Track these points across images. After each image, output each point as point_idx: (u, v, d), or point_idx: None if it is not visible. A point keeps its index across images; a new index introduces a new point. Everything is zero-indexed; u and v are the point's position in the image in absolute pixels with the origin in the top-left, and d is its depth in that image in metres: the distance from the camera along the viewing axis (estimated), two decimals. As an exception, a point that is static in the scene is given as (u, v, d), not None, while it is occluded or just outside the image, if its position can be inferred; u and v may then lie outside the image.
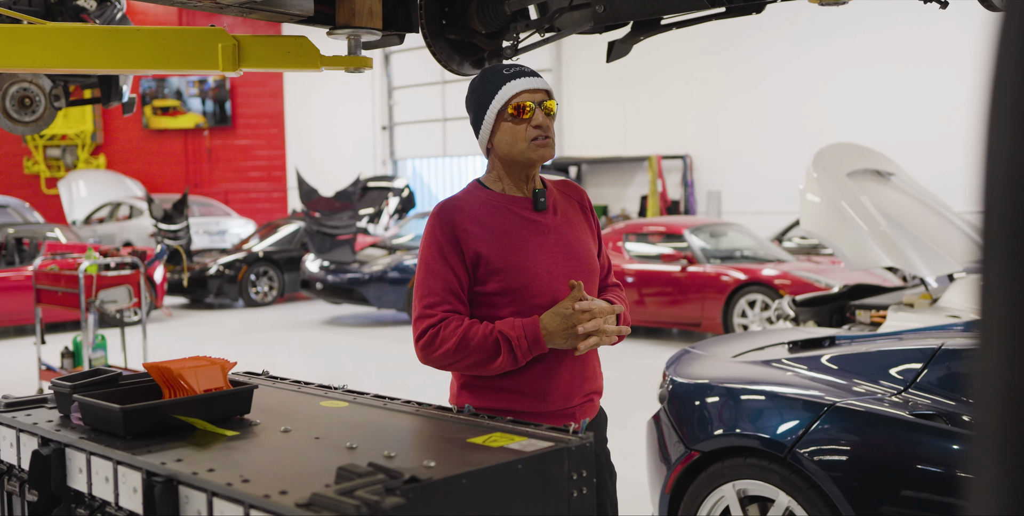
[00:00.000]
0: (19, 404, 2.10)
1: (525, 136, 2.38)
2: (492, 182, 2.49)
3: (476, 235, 2.37)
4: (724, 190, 15.62)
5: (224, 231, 18.10)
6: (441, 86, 19.96)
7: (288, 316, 13.51)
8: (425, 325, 2.32)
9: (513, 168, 2.45)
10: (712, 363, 4.18)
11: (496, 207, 2.43)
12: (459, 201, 2.44)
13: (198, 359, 2.02)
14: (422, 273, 2.40)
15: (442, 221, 2.39)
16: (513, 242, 2.40)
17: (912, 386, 3.46)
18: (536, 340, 2.29)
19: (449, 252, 2.36)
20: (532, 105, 2.38)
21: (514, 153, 2.40)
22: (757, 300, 9.67)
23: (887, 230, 6.00)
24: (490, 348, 2.28)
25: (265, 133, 22.82)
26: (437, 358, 2.32)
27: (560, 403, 2.41)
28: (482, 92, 2.43)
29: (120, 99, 5.71)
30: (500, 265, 2.37)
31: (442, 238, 2.37)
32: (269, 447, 1.75)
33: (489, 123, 2.41)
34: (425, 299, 2.36)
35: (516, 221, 2.43)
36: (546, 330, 2.29)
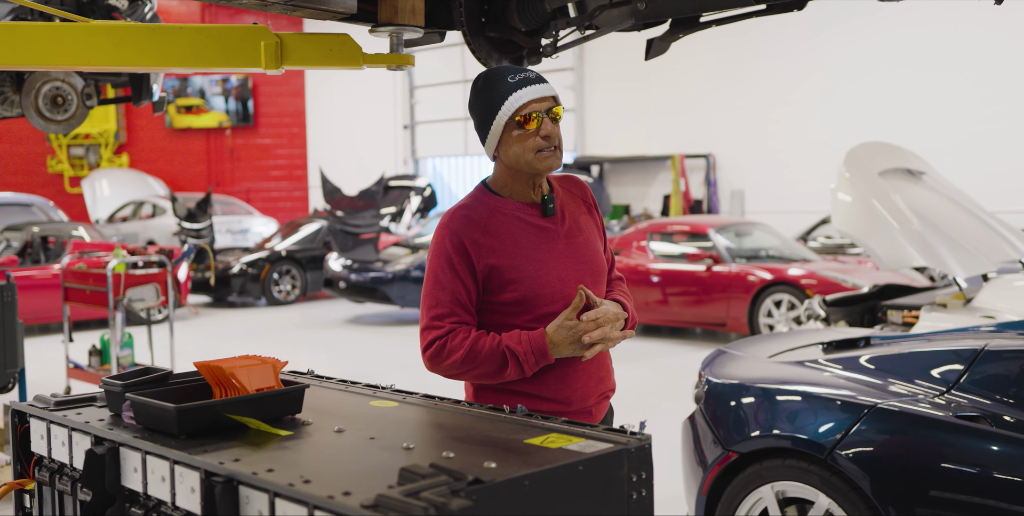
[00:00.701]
0: (69, 403, 2.09)
1: (533, 146, 2.34)
2: (499, 187, 2.46)
3: (487, 247, 2.35)
4: (747, 189, 15.55)
5: (246, 230, 18.16)
6: (463, 85, 19.95)
7: (311, 315, 13.53)
8: (432, 336, 2.32)
9: (520, 176, 2.42)
10: (749, 364, 4.14)
11: (505, 215, 2.41)
12: (468, 211, 2.40)
13: (248, 358, 2.01)
14: (430, 284, 2.38)
15: (451, 232, 2.36)
16: (524, 252, 2.38)
17: (955, 387, 3.42)
18: (543, 353, 2.30)
19: (459, 263, 2.34)
20: (539, 115, 2.34)
21: (521, 163, 2.37)
22: (783, 300, 9.61)
23: (920, 229, 5.94)
24: (498, 360, 2.29)
25: (287, 132, 22.89)
26: (444, 369, 2.33)
27: (578, 404, 2.43)
28: (488, 99, 2.37)
29: (151, 98, 5.72)
30: (513, 276, 2.36)
31: (451, 250, 2.35)
32: (325, 447, 1.74)
33: (496, 133, 2.37)
34: (433, 310, 2.35)
35: (526, 229, 2.41)
36: (552, 343, 2.30)
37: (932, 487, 3.17)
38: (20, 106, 5.46)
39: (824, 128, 14.94)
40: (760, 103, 15.69)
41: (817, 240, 12.93)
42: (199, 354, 9.95)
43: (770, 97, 15.60)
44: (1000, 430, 3.17)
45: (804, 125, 15.26)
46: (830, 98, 14.95)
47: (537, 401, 2.37)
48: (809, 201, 14.80)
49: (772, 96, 15.58)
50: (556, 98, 2.40)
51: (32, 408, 2.07)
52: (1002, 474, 3.09)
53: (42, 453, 2.04)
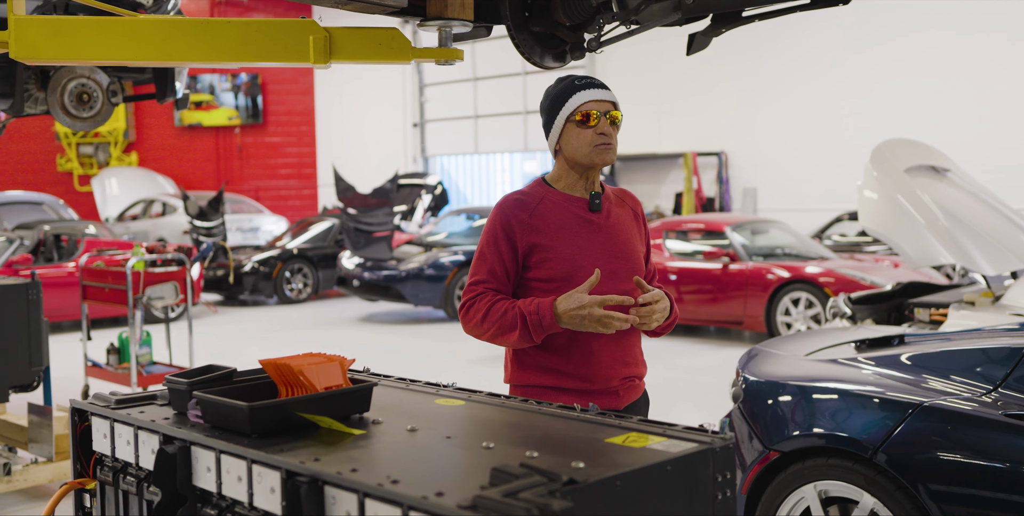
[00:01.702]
0: (129, 401, 2.06)
1: (590, 141, 2.61)
2: (555, 181, 2.72)
3: (532, 226, 2.60)
4: (760, 187, 15.51)
5: (257, 228, 18.14)
6: (473, 83, 19.93)
7: (323, 313, 13.51)
8: (466, 298, 2.61)
9: (576, 169, 2.67)
10: (788, 362, 4.11)
11: (555, 203, 2.65)
12: (522, 195, 2.68)
13: (313, 356, 1.98)
14: (475, 258, 2.66)
15: (502, 212, 2.63)
16: (565, 235, 2.61)
17: (1002, 385, 3.38)
18: (548, 319, 2.46)
19: (502, 240, 2.60)
20: (598, 114, 2.62)
21: (578, 156, 2.63)
22: (801, 298, 9.58)
23: (948, 226, 5.91)
24: (508, 322, 2.50)
25: (296, 130, 22.87)
26: (470, 328, 2.59)
27: (602, 383, 2.62)
28: (555, 98, 2.66)
29: (175, 95, 5.69)
30: (551, 254, 2.59)
31: (499, 228, 2.61)
32: (402, 447, 1.71)
33: (559, 127, 2.65)
34: (472, 278, 2.63)
35: (571, 218, 2.64)
36: (556, 313, 2.46)
37: (981, 487, 3.14)
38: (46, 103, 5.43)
39: (838, 126, 14.89)
40: (773, 101, 15.64)
41: (831, 238, 12.88)
42: (213, 352, 9.93)
43: (783, 95, 15.55)
44: (1050, 429, 3.13)
45: (817, 123, 15.21)
46: (844, 96, 14.90)
47: (562, 377, 2.59)
48: (822, 199, 14.75)
49: (785, 94, 15.53)
50: (616, 104, 2.69)
51: (93, 406, 2.04)
52: (1053, 473, 3.05)
53: (104, 452, 2.01)
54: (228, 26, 2.65)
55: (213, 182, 22.53)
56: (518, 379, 2.66)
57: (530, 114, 19.09)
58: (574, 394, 2.58)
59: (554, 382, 2.59)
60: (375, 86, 21.16)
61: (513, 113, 19.38)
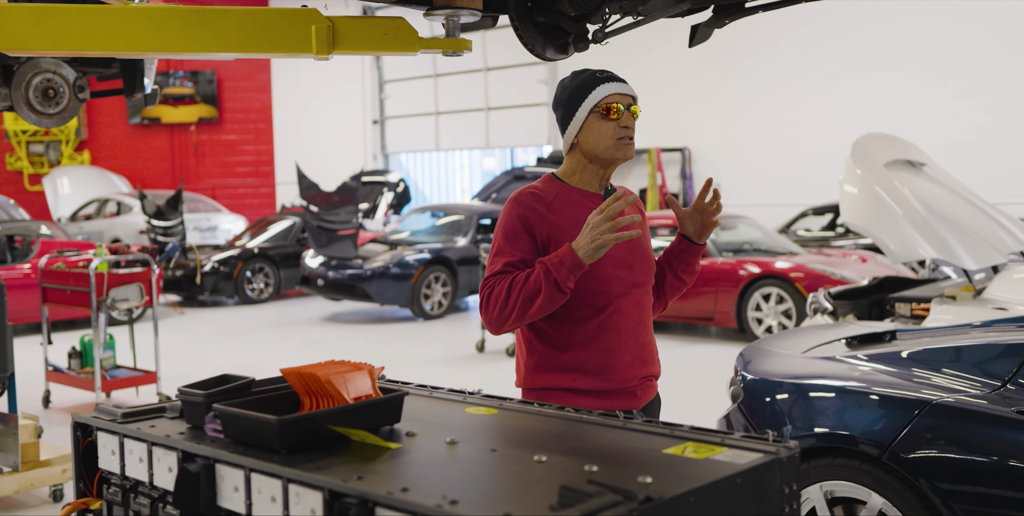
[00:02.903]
0: (138, 414, 1.93)
1: (613, 134, 2.54)
2: (568, 176, 2.64)
3: (551, 221, 2.51)
4: (724, 183, 15.52)
5: (215, 227, 17.84)
6: (433, 79, 19.76)
7: (286, 313, 13.30)
8: (484, 294, 2.47)
9: (594, 164, 2.60)
10: (788, 360, 4.04)
11: (570, 198, 2.58)
12: (536, 190, 2.58)
13: (338, 364, 1.86)
14: (491, 254, 2.54)
15: (519, 205, 2.52)
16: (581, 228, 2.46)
17: (1010, 382, 3.34)
18: (570, 256, 2.35)
19: (520, 233, 2.49)
20: (621, 107, 2.54)
21: (599, 149, 2.56)
22: (772, 293, 9.57)
23: (928, 221, 5.89)
24: (532, 284, 2.38)
25: (253, 128, 22.53)
26: (496, 316, 2.43)
27: (622, 382, 2.55)
28: (575, 91, 2.57)
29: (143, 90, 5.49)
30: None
31: (516, 221, 2.50)
32: (447, 462, 1.59)
33: (580, 119, 2.55)
34: (489, 273, 2.50)
35: (586, 212, 2.53)
36: (575, 246, 2.37)
37: (995, 485, 3.09)
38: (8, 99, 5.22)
39: (800, 122, 14.95)
40: (736, 97, 15.67)
41: (797, 233, 12.92)
42: (180, 355, 9.71)
43: (746, 91, 15.58)
44: (1064, 426, 3.09)
45: (780, 119, 15.26)
46: (806, 93, 14.96)
47: (581, 377, 2.51)
48: (785, 194, 14.81)
49: (748, 90, 15.56)
50: (636, 99, 2.60)
51: (99, 421, 1.90)
52: (1068, 471, 3.01)
53: (112, 469, 1.87)
54: (226, 15, 2.52)
55: (169, 181, 22.13)
56: (534, 382, 2.58)
57: (492, 111, 18.97)
58: (592, 395, 2.50)
59: (571, 383, 2.51)
60: (334, 83, 20.91)
61: (475, 110, 19.24)
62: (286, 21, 2.54)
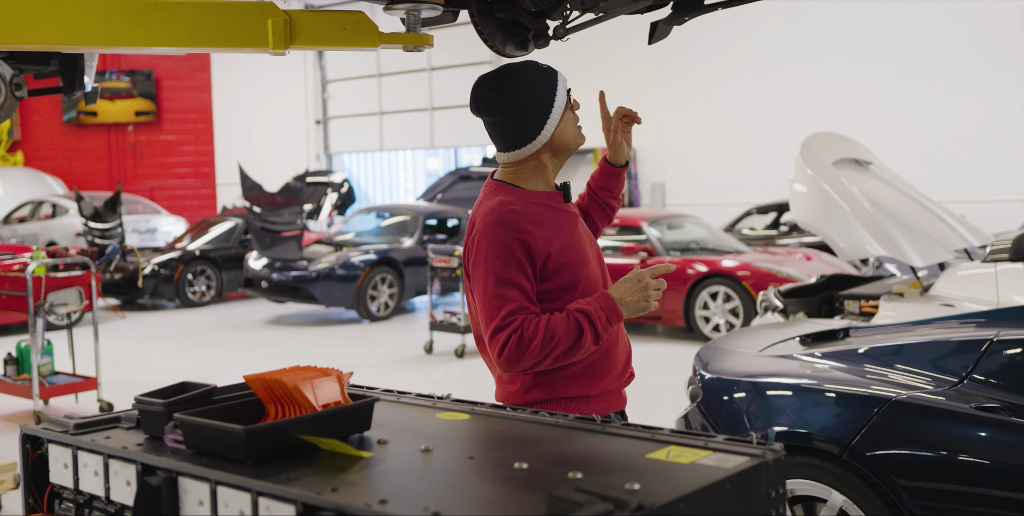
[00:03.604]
0: (91, 425, 1.83)
1: (575, 121, 2.54)
2: (523, 181, 2.47)
3: (541, 236, 2.35)
4: (668, 182, 15.62)
5: (154, 229, 17.52)
6: (377, 79, 19.60)
7: (229, 316, 13.08)
8: (507, 334, 2.24)
9: (559, 158, 2.52)
10: (746, 358, 4.03)
11: (540, 205, 2.43)
12: (512, 205, 2.37)
13: (304, 370, 1.78)
14: (492, 284, 2.29)
15: (506, 227, 2.31)
16: (567, 236, 2.42)
17: (967, 378, 3.36)
18: (613, 309, 2.29)
19: (522, 257, 2.31)
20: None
21: (570, 140, 2.50)
22: (719, 292, 9.61)
23: (877, 219, 5.95)
24: (573, 331, 2.25)
25: (192, 128, 22.16)
26: (526, 361, 2.25)
27: (617, 381, 2.47)
28: (546, 87, 2.46)
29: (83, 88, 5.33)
30: (565, 260, 2.38)
31: (513, 243, 2.30)
32: (424, 471, 1.53)
33: (558, 115, 2.46)
34: (503, 310, 2.26)
35: (559, 215, 2.45)
36: (618, 298, 2.31)
37: (956, 481, 3.10)
38: (-59, 97, 5.03)
39: (743, 122, 15.08)
40: (680, 98, 15.76)
41: (741, 232, 13.02)
42: (120, 360, 9.48)
43: (690, 92, 15.68)
44: (1021, 420, 3.11)
45: (724, 119, 15.38)
46: (749, 94, 15.09)
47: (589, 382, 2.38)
48: (729, 194, 14.93)
49: (693, 91, 15.66)
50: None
51: (49, 432, 1.80)
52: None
53: (64, 484, 1.78)
54: (178, 8, 2.42)
55: (106, 182, 21.68)
56: (537, 396, 2.36)
57: (437, 110, 18.87)
58: (593, 399, 2.40)
59: (580, 391, 2.37)
60: (276, 82, 20.65)
61: (419, 109, 19.13)
62: (241, 14, 2.45)
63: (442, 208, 13.52)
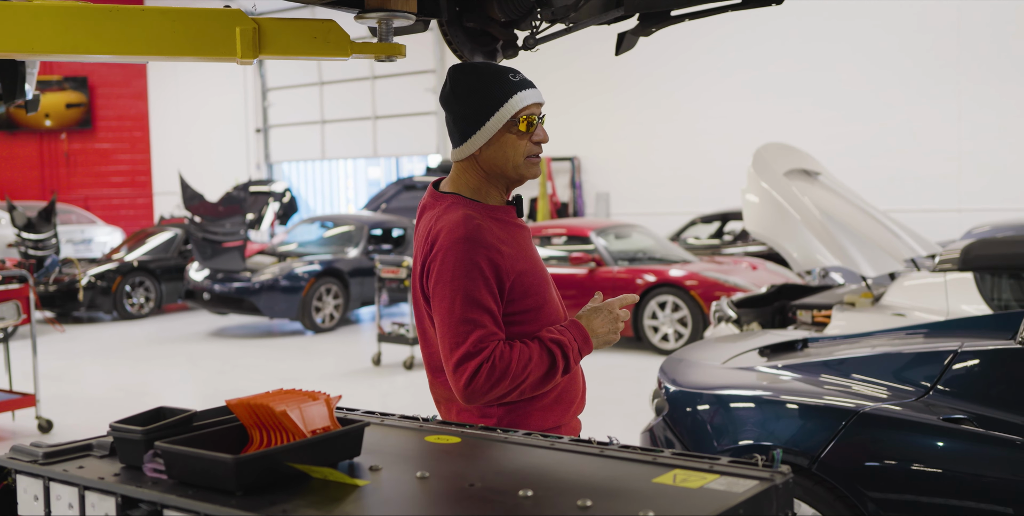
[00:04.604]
0: (61, 454, 1.74)
1: (524, 151, 2.24)
2: (474, 193, 2.28)
3: (509, 255, 2.19)
4: (612, 192, 15.68)
5: (89, 240, 17.11)
6: (319, 87, 19.41)
7: (169, 328, 12.80)
8: (477, 363, 2.05)
9: (497, 180, 2.28)
10: (711, 371, 4.02)
11: (499, 221, 2.25)
12: (476, 220, 2.18)
13: (289, 394, 1.71)
14: (459, 305, 2.09)
15: (476, 244, 2.13)
16: (530, 255, 2.28)
17: (933, 390, 3.38)
18: (586, 340, 2.21)
19: (491, 278, 2.13)
20: (536, 119, 2.25)
21: (507, 168, 2.24)
22: (668, 301, 9.64)
23: (829, 229, 6.00)
24: (547, 361, 2.13)
25: (128, 136, 21.72)
26: (495, 392, 2.07)
27: (580, 408, 2.36)
28: (485, 96, 2.21)
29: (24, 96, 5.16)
30: (532, 280, 2.24)
31: (483, 263, 2.12)
32: (426, 500, 1.47)
33: (490, 132, 2.21)
34: (472, 335, 2.07)
35: (517, 231, 2.29)
36: (591, 329, 2.22)
37: (926, 493, 3.11)
38: None
39: (686, 131, 15.21)
40: (624, 107, 15.84)
41: (686, 241, 13.10)
42: (56, 375, 9.22)
43: (633, 101, 15.77)
44: (988, 431, 3.13)
45: (667, 129, 15.49)
46: (692, 102, 15.22)
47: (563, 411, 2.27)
48: (674, 203, 15.04)
49: (635, 101, 15.75)
50: (542, 105, 2.32)
51: (16, 462, 1.70)
52: (995, 475, 3.04)
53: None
54: (141, 15, 2.33)
55: (38, 191, 21.14)
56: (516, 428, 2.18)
57: (379, 119, 18.74)
58: (566, 428, 2.29)
59: (555, 421, 2.24)
60: (215, 90, 20.35)
61: (362, 118, 18.98)
62: (208, 22, 2.36)
63: (387, 218, 13.41)
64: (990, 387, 3.32)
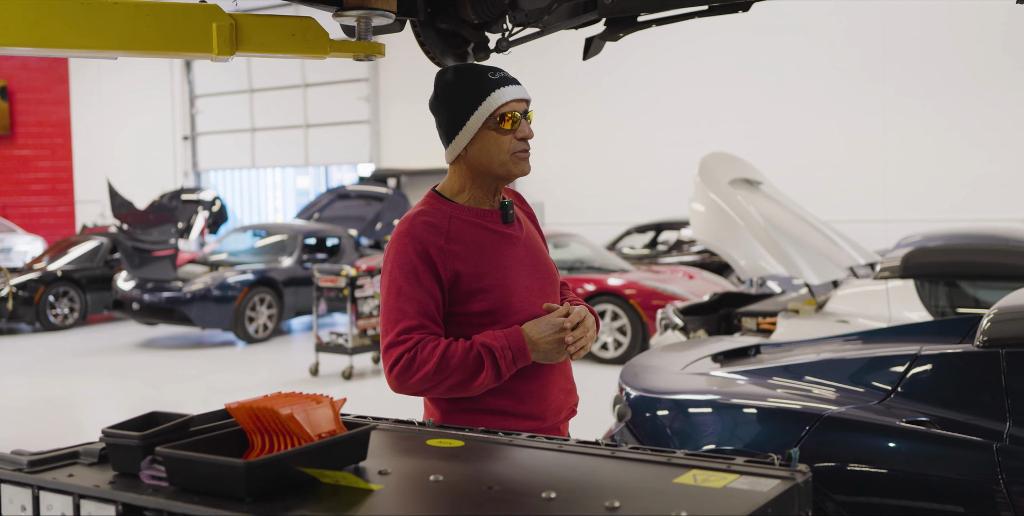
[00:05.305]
0: (47, 461, 1.65)
1: (509, 148, 2.25)
2: (455, 194, 2.31)
3: (452, 253, 2.21)
4: (547, 201, 15.72)
5: (8, 249, 16.59)
6: (249, 95, 19.13)
7: (96, 339, 12.46)
8: (400, 351, 2.13)
9: (485, 179, 2.29)
10: (673, 377, 4.03)
11: (467, 222, 2.27)
12: (427, 216, 2.23)
13: (291, 397, 1.65)
14: (392, 296, 2.18)
15: (413, 239, 2.19)
16: (489, 259, 2.25)
17: (894, 393, 3.42)
18: (521, 350, 2.16)
19: (423, 272, 2.17)
20: (519, 115, 2.25)
21: (493, 165, 2.25)
22: (607, 310, 9.68)
23: (774, 237, 6.08)
24: (472, 364, 2.13)
25: (49, 143, 21.14)
26: (414, 384, 2.13)
27: (551, 419, 2.31)
28: (465, 95, 2.23)
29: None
30: (482, 284, 2.22)
31: (415, 257, 2.18)
32: (447, 504, 1.43)
33: (471, 130, 2.24)
34: (399, 324, 2.15)
35: (489, 236, 2.28)
36: (531, 340, 2.17)
37: (891, 495, 3.14)
38: None
39: (620, 143, 15.33)
40: (559, 118, 15.92)
41: (622, 251, 13.19)
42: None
43: (568, 113, 15.86)
44: (949, 433, 3.18)
45: (602, 140, 15.61)
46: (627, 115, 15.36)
47: (512, 419, 2.23)
48: (608, 213, 15.14)
49: (570, 111, 15.84)
50: (530, 102, 2.32)
51: (2, 471, 1.62)
52: (957, 476, 3.09)
53: (20, 528, 1.59)
54: (114, 8, 2.25)
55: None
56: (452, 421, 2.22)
57: (311, 128, 18.53)
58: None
59: (501, 425, 2.20)
60: (141, 96, 19.92)
61: (293, 126, 18.75)
62: (184, 17, 2.30)
63: (321, 227, 13.26)
64: (950, 390, 3.37)
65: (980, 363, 3.31)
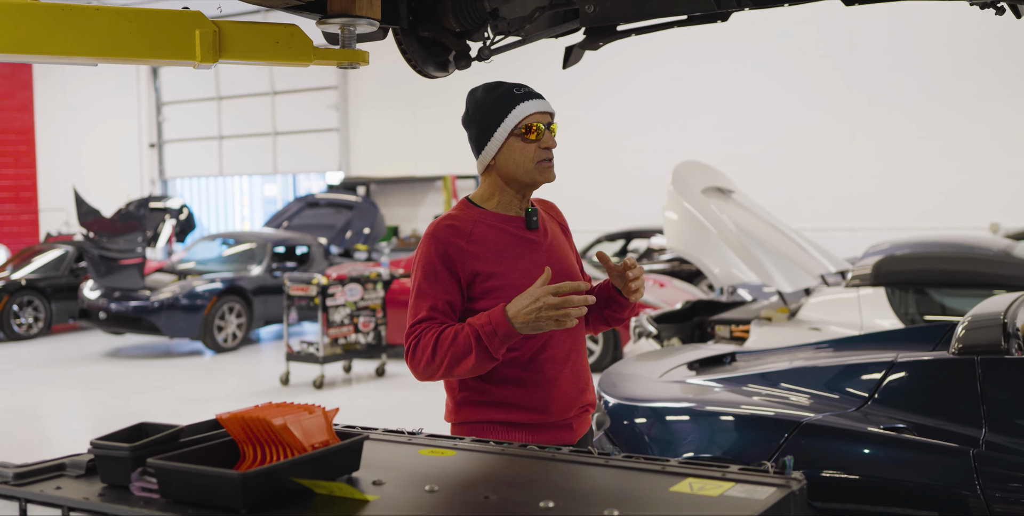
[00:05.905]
0: (33, 473, 1.62)
1: (533, 157, 2.42)
2: (484, 200, 2.49)
3: (471, 253, 2.36)
4: (516, 210, 15.73)
5: (-29, 258, 16.36)
6: (217, 103, 18.99)
7: (61, 349, 12.30)
8: (409, 341, 2.32)
9: (512, 187, 2.46)
10: (651, 385, 4.03)
11: (490, 225, 2.43)
12: (453, 220, 2.42)
13: (282, 407, 1.64)
14: (413, 295, 2.38)
15: (436, 241, 2.37)
16: (508, 260, 2.40)
17: (871, 400, 3.45)
18: (501, 324, 2.21)
19: (442, 272, 2.35)
20: (542, 127, 2.43)
21: (519, 173, 2.43)
22: (579, 318, 9.68)
23: (747, 245, 6.12)
24: (461, 344, 2.24)
25: (12, 150, 20.84)
26: (424, 368, 2.29)
27: (559, 415, 2.42)
28: (491, 109, 2.43)
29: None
30: (497, 283, 2.36)
31: (436, 258, 2.36)
32: (446, 514, 1.42)
33: (499, 141, 2.42)
34: (414, 319, 2.34)
35: (510, 239, 2.44)
36: (508, 314, 2.21)
37: (871, 501, 3.16)
38: None
39: (591, 152, 15.36)
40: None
41: (592, 259, 13.21)
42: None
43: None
44: (926, 440, 3.21)
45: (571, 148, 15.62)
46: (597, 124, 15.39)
47: (518, 411, 2.36)
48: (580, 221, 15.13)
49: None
50: (554, 115, 2.50)
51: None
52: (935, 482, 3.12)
53: (7, 543, 1.57)
54: (96, 15, 2.23)
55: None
56: (465, 416, 2.41)
57: (280, 136, 18.43)
58: (527, 430, 2.35)
59: (506, 417, 2.36)
60: (106, 103, 19.71)
61: (262, 134, 18.64)
62: (167, 24, 2.27)
63: (290, 235, 13.18)
64: (926, 397, 3.41)
65: (956, 370, 3.35)
